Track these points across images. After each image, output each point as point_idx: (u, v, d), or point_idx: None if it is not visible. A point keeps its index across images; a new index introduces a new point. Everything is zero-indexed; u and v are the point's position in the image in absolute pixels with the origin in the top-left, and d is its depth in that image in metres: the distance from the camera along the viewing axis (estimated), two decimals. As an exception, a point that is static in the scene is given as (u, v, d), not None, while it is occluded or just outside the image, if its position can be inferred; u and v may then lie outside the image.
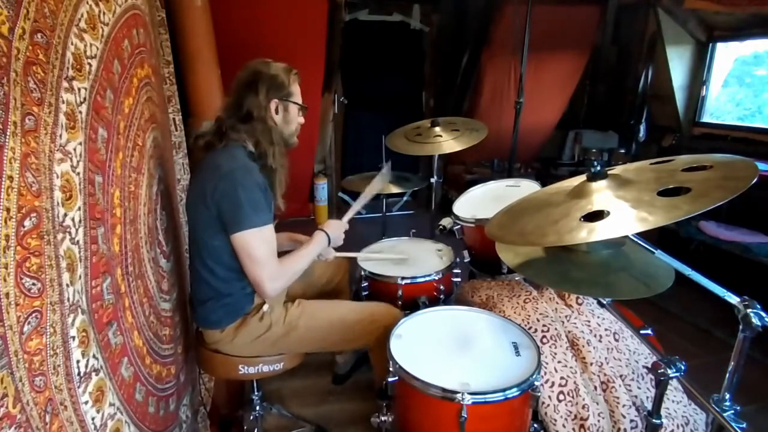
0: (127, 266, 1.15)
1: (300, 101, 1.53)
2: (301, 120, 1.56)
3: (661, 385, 1.00)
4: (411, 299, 1.87)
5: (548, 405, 1.35)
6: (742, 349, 0.89)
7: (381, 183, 2.03)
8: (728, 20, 3.46)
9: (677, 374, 0.95)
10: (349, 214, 1.74)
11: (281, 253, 1.47)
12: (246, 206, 1.31)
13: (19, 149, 0.70)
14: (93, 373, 0.91)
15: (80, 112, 0.91)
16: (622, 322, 1.40)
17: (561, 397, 1.36)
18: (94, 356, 0.91)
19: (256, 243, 1.34)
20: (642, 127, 4.27)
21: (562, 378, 1.39)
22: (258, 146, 1.44)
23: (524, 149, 4.38)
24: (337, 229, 1.61)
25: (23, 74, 0.72)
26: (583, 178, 1.07)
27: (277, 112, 1.47)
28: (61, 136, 0.82)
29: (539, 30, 2.88)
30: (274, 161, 1.46)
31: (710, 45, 3.77)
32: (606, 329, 1.56)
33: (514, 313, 1.61)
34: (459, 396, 1.12)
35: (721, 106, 4.04)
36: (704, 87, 3.88)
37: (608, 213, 0.92)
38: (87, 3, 0.98)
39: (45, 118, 0.78)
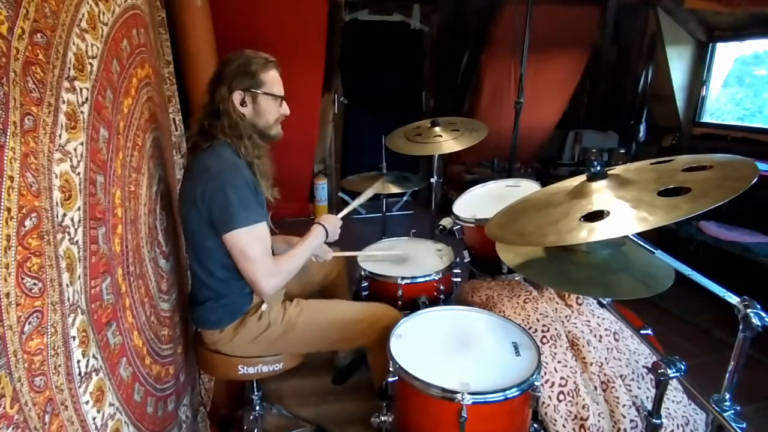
0: (128, 266, 1.15)
1: (276, 91, 1.44)
2: (284, 111, 1.48)
3: (661, 385, 1.00)
4: (411, 299, 1.87)
5: (548, 405, 1.35)
6: (742, 349, 0.89)
7: (378, 187, 2.04)
8: (728, 20, 3.47)
9: (677, 374, 0.95)
10: (345, 212, 1.74)
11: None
12: (236, 205, 1.31)
13: (19, 149, 0.70)
14: (93, 373, 0.91)
15: (82, 112, 0.91)
16: (622, 322, 1.40)
17: (561, 397, 1.36)
18: (93, 356, 0.91)
19: (249, 241, 1.33)
20: (642, 127, 4.27)
21: (562, 378, 1.39)
22: (232, 141, 1.40)
23: (524, 149, 4.38)
24: (333, 223, 1.60)
25: (22, 74, 0.72)
26: (583, 178, 1.07)
27: (243, 103, 1.40)
28: (60, 136, 0.82)
29: (539, 30, 2.88)
30: (247, 154, 1.41)
31: (710, 45, 3.78)
32: (606, 329, 1.56)
33: (514, 313, 1.61)
34: (459, 396, 1.12)
35: (721, 106, 4.05)
36: (704, 87, 3.88)
37: (608, 213, 0.92)
38: (88, 3, 0.98)
39: (44, 118, 0.78)
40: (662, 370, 0.96)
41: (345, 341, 1.61)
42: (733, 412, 0.89)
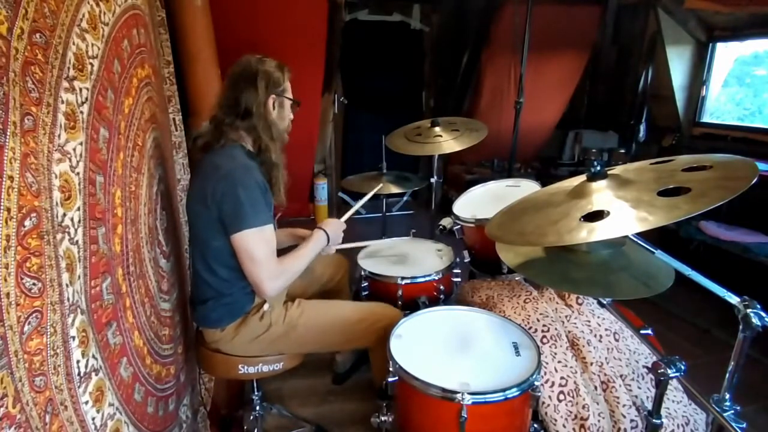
0: (128, 266, 1.15)
1: (293, 96, 1.54)
2: (291, 116, 1.57)
3: (661, 385, 1.00)
4: (411, 299, 1.87)
5: (548, 405, 1.35)
6: (742, 349, 0.89)
7: (378, 187, 2.06)
8: (728, 20, 3.46)
9: (677, 374, 0.95)
10: (348, 215, 1.75)
11: (283, 250, 1.47)
12: (246, 206, 1.31)
13: (18, 149, 0.70)
14: (93, 373, 0.91)
15: (81, 112, 0.91)
16: (622, 322, 1.40)
17: (561, 397, 1.36)
18: (93, 356, 0.91)
19: (256, 243, 1.34)
20: (642, 127, 4.27)
21: (562, 378, 1.39)
22: (258, 143, 1.45)
23: (524, 149, 4.38)
24: (336, 228, 1.62)
25: (22, 74, 0.72)
26: (583, 178, 1.07)
27: (273, 107, 1.48)
28: (59, 136, 0.82)
29: (539, 30, 2.88)
30: (276, 156, 1.47)
31: (710, 45, 3.77)
32: (606, 329, 1.56)
33: (514, 313, 1.61)
34: (459, 396, 1.12)
35: (721, 106, 4.04)
36: (704, 87, 3.88)
37: (608, 213, 0.92)
38: (88, 3, 0.98)
39: (43, 118, 0.77)
40: (662, 370, 0.96)
41: (346, 342, 1.61)
42: (733, 412, 0.89)
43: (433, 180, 2.46)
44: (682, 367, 0.96)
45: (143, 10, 1.46)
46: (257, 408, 1.76)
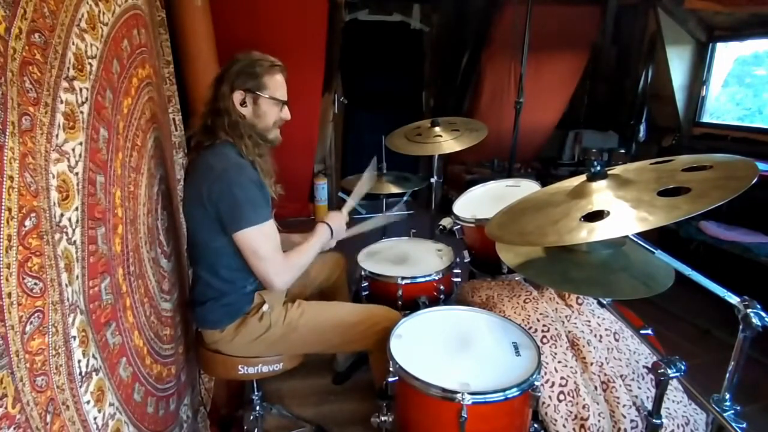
0: (129, 266, 1.15)
1: (278, 95, 1.43)
2: (284, 115, 1.47)
3: (661, 385, 1.00)
4: (411, 299, 1.87)
5: (548, 405, 1.35)
6: (742, 349, 0.89)
7: (370, 178, 2.04)
8: (728, 20, 3.47)
9: (677, 374, 0.95)
10: (347, 207, 1.75)
11: None
12: (244, 205, 1.31)
13: (17, 149, 0.70)
14: (93, 373, 0.91)
15: (81, 112, 0.91)
16: (622, 322, 1.40)
17: (561, 397, 1.36)
18: (93, 356, 0.91)
19: (259, 240, 1.34)
20: (642, 127, 4.27)
21: (562, 378, 1.39)
22: (233, 139, 1.40)
23: (524, 149, 4.38)
24: (338, 220, 1.63)
25: (19, 74, 0.72)
26: (583, 178, 1.07)
27: (243, 104, 1.40)
28: (57, 136, 0.82)
29: (539, 30, 2.88)
30: (248, 153, 1.40)
31: (710, 45, 3.78)
32: (606, 329, 1.56)
33: (514, 313, 1.61)
34: (459, 396, 1.12)
35: (721, 106, 4.04)
36: (704, 87, 3.88)
37: (608, 213, 0.92)
38: (87, 3, 0.98)
39: (41, 118, 0.77)
40: (662, 370, 0.96)
41: (345, 343, 1.61)
42: (733, 412, 0.89)
43: (433, 180, 2.46)
44: (682, 367, 0.96)
45: (143, 10, 1.46)
46: (257, 408, 1.76)
